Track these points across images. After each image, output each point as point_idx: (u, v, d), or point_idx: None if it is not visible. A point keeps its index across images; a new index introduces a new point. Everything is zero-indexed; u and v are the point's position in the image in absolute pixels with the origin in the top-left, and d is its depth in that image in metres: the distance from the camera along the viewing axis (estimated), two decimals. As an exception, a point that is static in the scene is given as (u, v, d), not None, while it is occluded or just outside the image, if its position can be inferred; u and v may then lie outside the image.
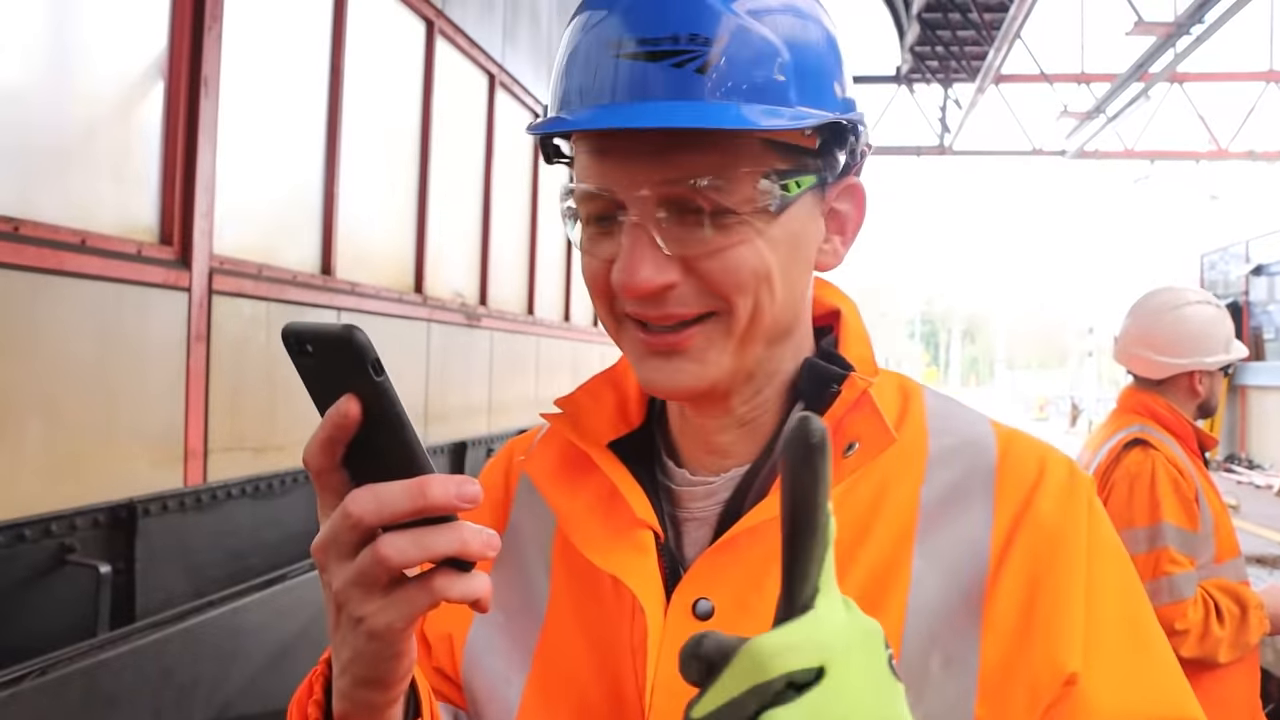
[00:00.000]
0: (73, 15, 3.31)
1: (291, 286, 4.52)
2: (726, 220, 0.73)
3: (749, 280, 0.74)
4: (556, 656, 0.82)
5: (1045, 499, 0.77)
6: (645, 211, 0.73)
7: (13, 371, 2.98)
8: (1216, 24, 10.75)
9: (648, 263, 0.72)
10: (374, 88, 5.41)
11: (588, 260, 0.79)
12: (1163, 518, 2.39)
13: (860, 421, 0.78)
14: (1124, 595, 0.77)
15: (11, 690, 2.17)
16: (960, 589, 0.74)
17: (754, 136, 0.73)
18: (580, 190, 0.76)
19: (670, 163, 0.72)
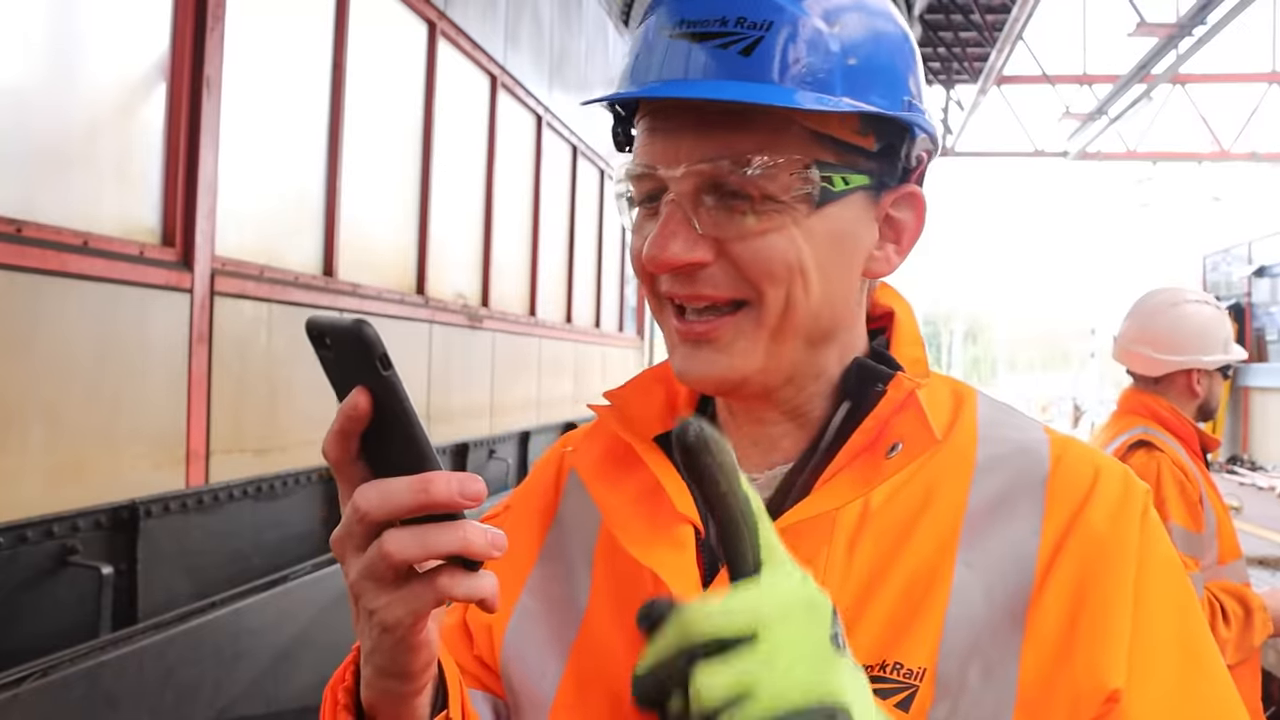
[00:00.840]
0: (74, 16, 3.32)
1: (293, 288, 4.53)
2: (764, 206, 0.73)
3: (780, 270, 0.74)
4: (594, 651, 0.82)
5: (1097, 510, 0.74)
6: (683, 189, 0.74)
7: (15, 373, 2.98)
8: (1219, 25, 10.74)
9: (678, 238, 0.73)
10: (376, 89, 5.41)
11: (635, 240, 0.79)
12: (1168, 519, 2.39)
13: (905, 423, 0.77)
14: (1176, 612, 0.73)
15: (13, 691, 2.18)
16: (1004, 599, 0.71)
17: (801, 125, 0.73)
18: (629, 169, 0.78)
19: (710, 140, 0.73)
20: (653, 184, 0.76)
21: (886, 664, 0.70)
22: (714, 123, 0.72)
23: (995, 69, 13.77)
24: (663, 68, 0.74)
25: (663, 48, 0.74)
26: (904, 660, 0.70)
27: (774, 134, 0.72)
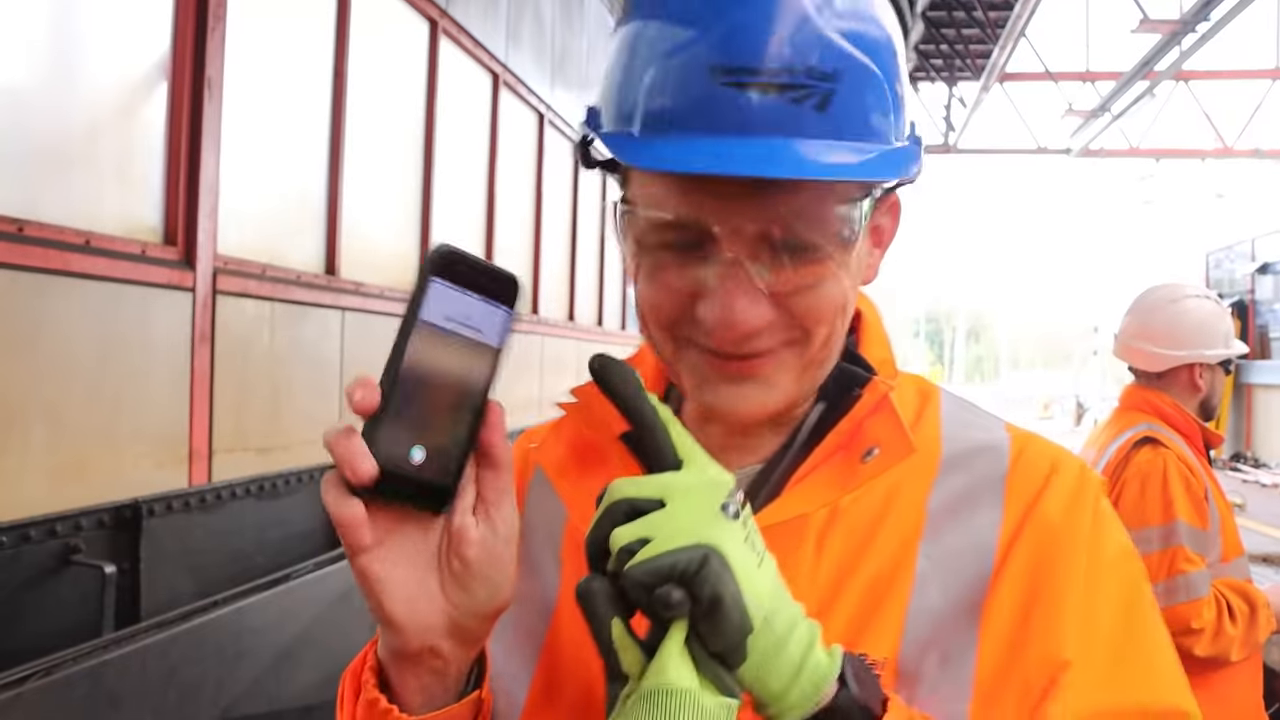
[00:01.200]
0: (76, 17, 3.32)
1: (296, 286, 4.53)
2: (817, 255, 0.72)
3: (830, 312, 0.75)
4: (564, 649, 0.81)
5: (1051, 500, 0.77)
6: (741, 248, 0.70)
7: (17, 372, 2.98)
8: (1222, 21, 10.72)
9: (747, 302, 0.70)
10: (378, 87, 5.41)
11: (655, 290, 0.75)
12: (1176, 516, 2.39)
13: (880, 426, 0.78)
14: (1123, 596, 0.77)
15: (16, 690, 2.18)
16: (963, 591, 0.75)
17: None
18: (657, 218, 0.72)
19: (769, 200, 0.69)
20: (690, 235, 0.71)
21: None
22: (773, 182, 0.68)
23: (998, 66, 13.76)
24: (716, 118, 0.67)
25: (710, 95, 0.67)
26: (868, 651, 0.71)
27: (827, 186, 0.71)
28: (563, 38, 8.79)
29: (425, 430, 0.63)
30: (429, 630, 0.66)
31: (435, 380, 0.63)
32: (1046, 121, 20.34)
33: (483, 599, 0.66)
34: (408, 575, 0.65)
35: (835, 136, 0.68)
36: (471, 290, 0.64)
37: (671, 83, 0.69)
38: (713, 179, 0.68)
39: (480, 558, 0.65)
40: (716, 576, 0.59)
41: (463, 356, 0.64)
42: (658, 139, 0.69)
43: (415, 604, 0.65)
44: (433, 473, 0.63)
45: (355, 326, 5.06)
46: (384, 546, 0.64)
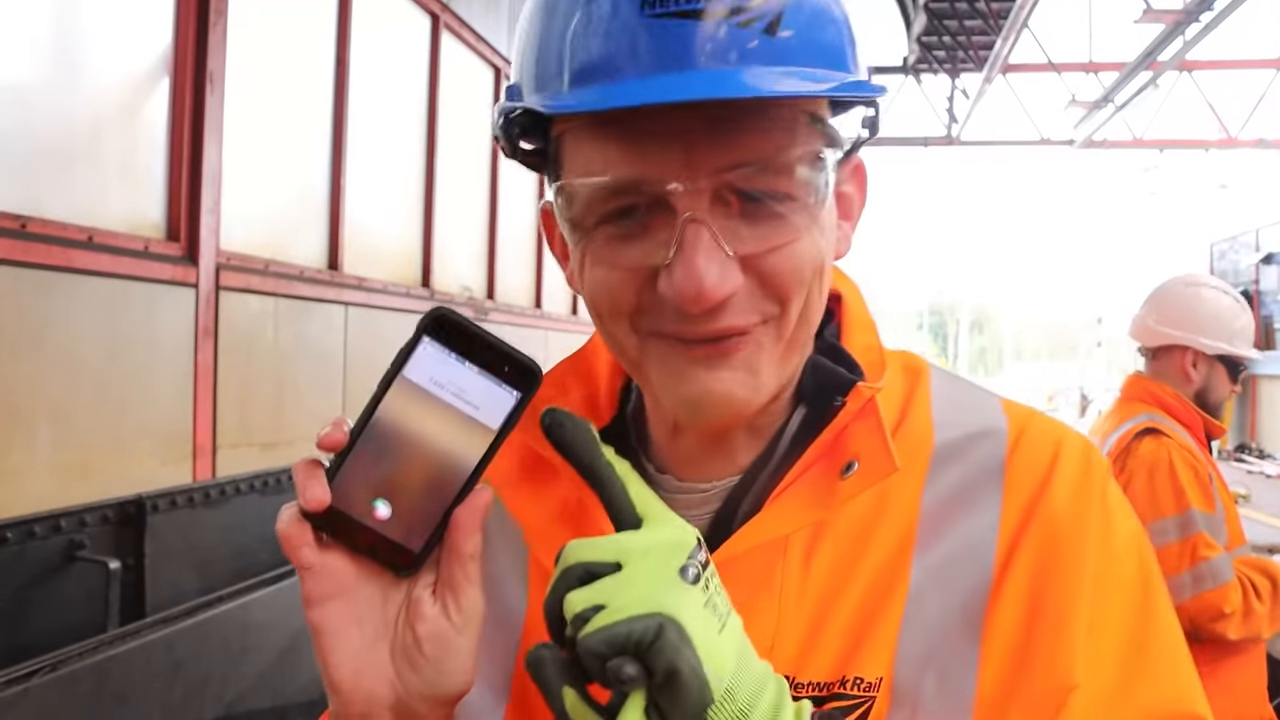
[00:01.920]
0: (77, 13, 3.32)
1: (299, 282, 4.53)
2: (784, 209, 0.64)
3: (806, 277, 0.66)
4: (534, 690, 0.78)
5: (1057, 491, 0.70)
6: (701, 205, 0.62)
7: (22, 368, 2.99)
8: (1225, 11, 10.68)
9: (715, 265, 0.62)
10: (380, 82, 5.41)
11: (605, 275, 0.66)
12: (1190, 504, 2.38)
13: (863, 436, 0.71)
14: (1135, 590, 0.71)
15: (23, 686, 2.18)
16: (960, 603, 0.68)
17: (804, 110, 0.64)
18: (595, 185, 0.63)
19: (730, 145, 0.61)
20: (632, 199, 0.64)
21: (846, 679, 0.67)
22: (729, 119, 0.61)
23: (1000, 57, 13.71)
24: (653, 56, 0.59)
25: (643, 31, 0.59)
26: (863, 674, 0.67)
27: (790, 128, 0.63)
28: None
29: (393, 488, 0.61)
30: (371, 700, 0.62)
31: (410, 441, 0.60)
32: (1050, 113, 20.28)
33: (430, 681, 0.62)
34: (358, 637, 0.61)
35: (788, 63, 0.61)
36: (471, 362, 0.60)
37: (597, 27, 0.61)
38: (659, 131, 0.61)
39: (432, 636, 0.61)
40: (673, 648, 0.55)
41: (447, 426, 0.60)
42: (589, 89, 0.61)
43: (361, 669, 0.61)
44: (396, 533, 0.61)
45: (358, 322, 5.07)
46: (339, 601, 0.61)
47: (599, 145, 0.63)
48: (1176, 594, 2.36)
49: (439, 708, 0.63)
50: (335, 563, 0.61)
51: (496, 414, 0.61)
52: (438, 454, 0.60)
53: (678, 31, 0.59)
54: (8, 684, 2.16)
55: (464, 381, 0.60)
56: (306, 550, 0.60)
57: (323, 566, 0.61)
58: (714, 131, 0.61)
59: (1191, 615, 2.33)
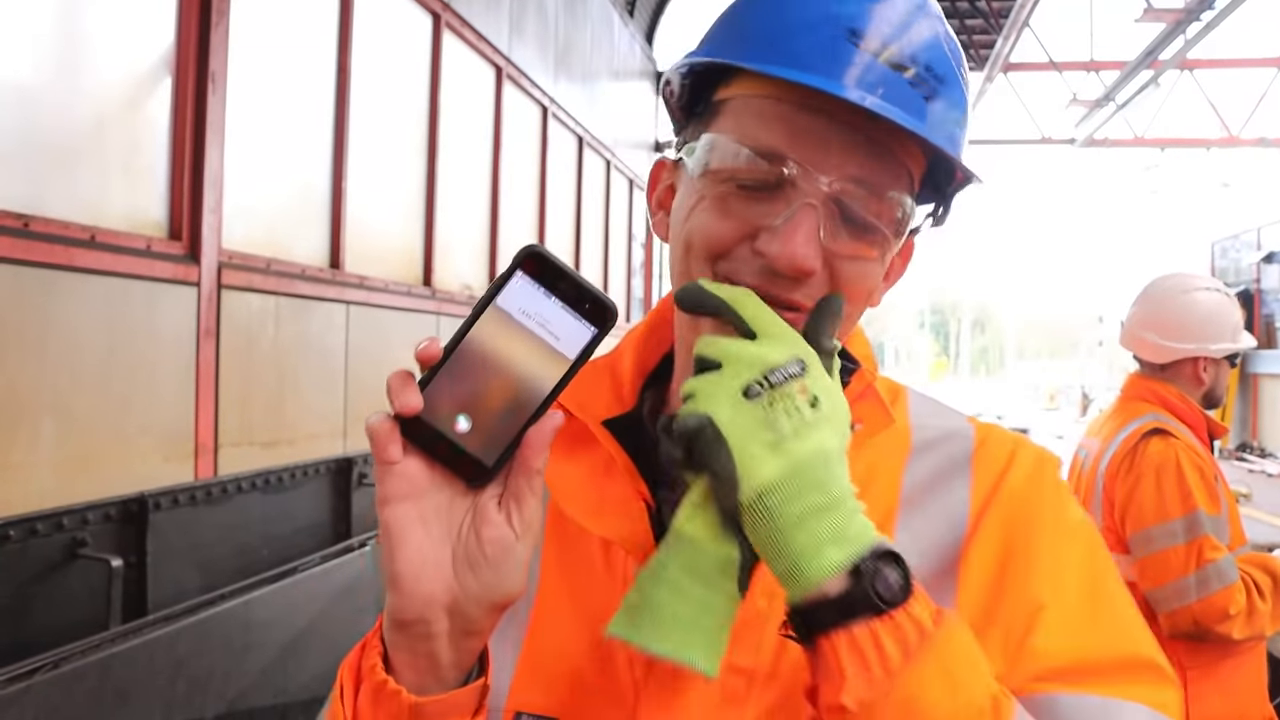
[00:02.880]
0: (80, 13, 3.32)
1: (300, 280, 4.54)
2: (871, 234, 0.77)
3: (862, 296, 0.80)
4: (548, 630, 0.83)
5: (1015, 476, 0.84)
6: (821, 196, 0.75)
7: (25, 367, 2.99)
8: (1227, 10, 10.67)
9: (812, 243, 0.74)
10: (381, 81, 5.41)
11: (716, 219, 0.78)
12: (1196, 506, 2.37)
13: (864, 407, 0.84)
14: (1088, 557, 0.82)
15: (25, 683, 2.19)
16: (939, 556, 0.81)
17: (907, 168, 0.78)
18: (748, 152, 0.76)
19: (857, 159, 0.75)
20: (771, 172, 0.76)
21: None
22: (863, 144, 0.75)
23: (1002, 56, 13.70)
24: (852, 76, 0.74)
25: (851, 54, 0.74)
26: None
27: (898, 172, 0.77)
28: (566, 30, 8.78)
29: (475, 405, 0.66)
30: (429, 601, 0.66)
31: (496, 363, 0.66)
32: (1051, 111, 20.27)
33: (488, 583, 0.67)
34: (424, 538, 0.66)
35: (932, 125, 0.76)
36: (557, 297, 0.66)
37: (812, 34, 0.75)
38: (819, 128, 0.75)
39: (495, 540, 0.66)
40: (707, 446, 0.66)
41: (530, 353, 0.66)
42: (793, 69, 0.74)
43: (424, 567, 0.66)
44: (473, 445, 0.66)
45: (360, 320, 5.07)
46: (410, 502, 0.66)
47: (764, 117, 0.76)
48: (1182, 596, 2.35)
49: (490, 613, 0.68)
50: (413, 467, 0.65)
51: (574, 345, 0.67)
52: (519, 377, 0.66)
53: (876, 71, 0.74)
54: (10, 681, 2.17)
55: (549, 314, 0.66)
56: (394, 447, 0.65)
57: (402, 468, 0.65)
58: (855, 147, 0.75)
59: (1197, 617, 2.33)
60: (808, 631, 0.66)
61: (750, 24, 0.79)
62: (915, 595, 0.66)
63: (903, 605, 0.65)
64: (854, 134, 0.75)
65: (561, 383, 0.66)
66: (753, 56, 0.76)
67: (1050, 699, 0.74)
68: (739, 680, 0.76)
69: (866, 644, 0.64)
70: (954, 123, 0.79)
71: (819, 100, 0.74)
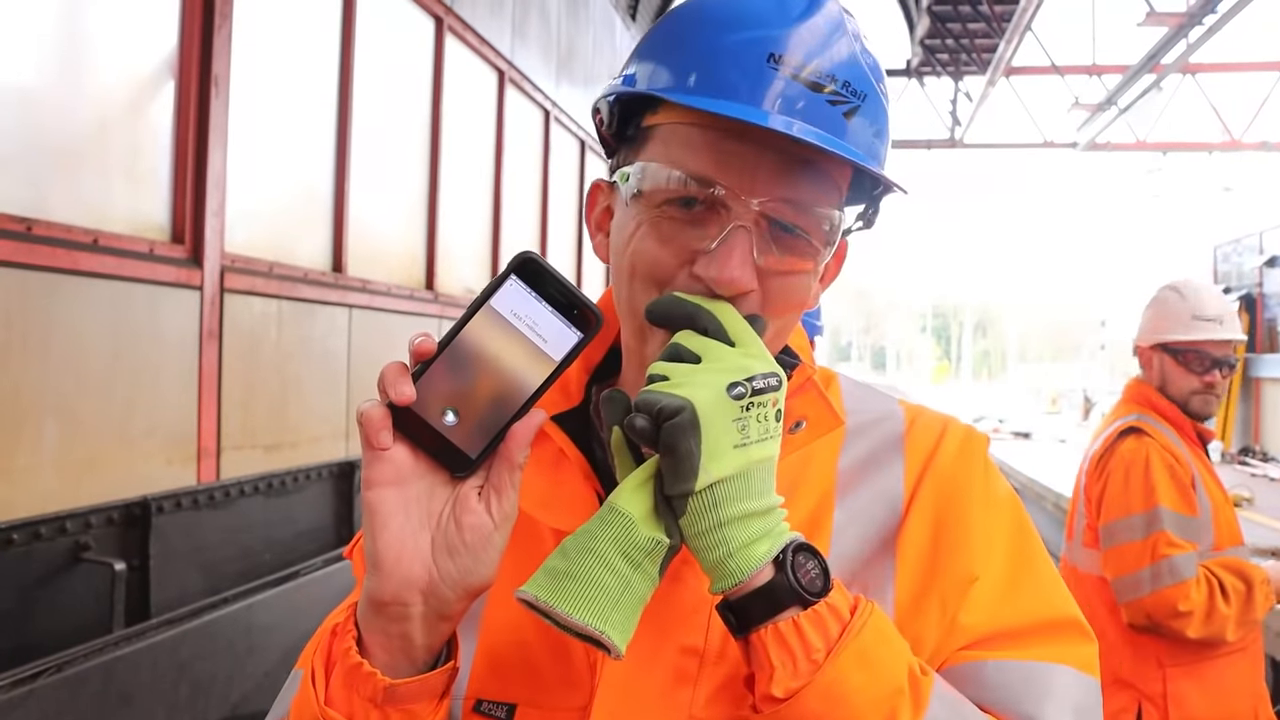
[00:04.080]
0: (83, 17, 3.33)
1: (303, 284, 4.54)
2: (801, 248, 0.80)
3: (795, 308, 0.83)
4: (503, 619, 0.85)
5: (945, 453, 0.89)
6: (749, 217, 0.78)
7: (28, 370, 3.00)
8: (1229, 14, 10.67)
9: (747, 264, 0.77)
10: (384, 85, 5.42)
11: (650, 245, 0.81)
12: (1158, 503, 2.42)
13: (806, 404, 0.89)
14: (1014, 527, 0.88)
15: (29, 686, 2.19)
16: (876, 534, 0.85)
17: (835, 182, 0.82)
18: (678, 177, 0.78)
19: (790, 181, 0.78)
20: (701, 195, 0.78)
21: None
22: (788, 164, 0.78)
23: (1004, 60, 13.70)
24: (773, 99, 0.76)
25: (770, 76, 0.77)
26: None
27: (826, 188, 0.80)
28: (569, 34, 8.79)
29: (464, 400, 0.69)
30: (407, 582, 0.69)
31: (485, 361, 0.69)
32: (1053, 115, 20.27)
33: (465, 569, 0.70)
34: (405, 523, 0.69)
35: (852, 142, 0.79)
36: (546, 302, 0.70)
37: (734, 59, 0.78)
38: (745, 152, 0.77)
39: (474, 527, 0.70)
40: (681, 429, 0.68)
41: (518, 353, 0.69)
42: (716, 99, 0.77)
43: (404, 550, 0.69)
44: (459, 438, 0.69)
45: (362, 323, 5.08)
46: (394, 488, 0.69)
47: (691, 145, 0.79)
48: (1135, 589, 2.39)
49: (462, 598, 0.71)
50: (400, 454, 0.69)
51: (561, 348, 0.70)
52: (506, 375, 0.69)
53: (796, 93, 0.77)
54: (14, 684, 2.17)
55: (538, 317, 0.70)
56: (385, 434, 0.68)
57: (390, 454, 0.69)
58: (780, 169, 0.78)
59: (1148, 610, 2.36)
60: (739, 626, 0.71)
61: (674, 52, 0.82)
62: (834, 586, 0.71)
63: (823, 597, 0.70)
64: (779, 155, 0.78)
65: (546, 382, 0.70)
66: (677, 87, 0.80)
67: (977, 666, 0.80)
68: (690, 661, 0.79)
69: (791, 637, 0.69)
70: (873, 134, 0.81)
71: (744, 125, 0.76)
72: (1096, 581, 2.56)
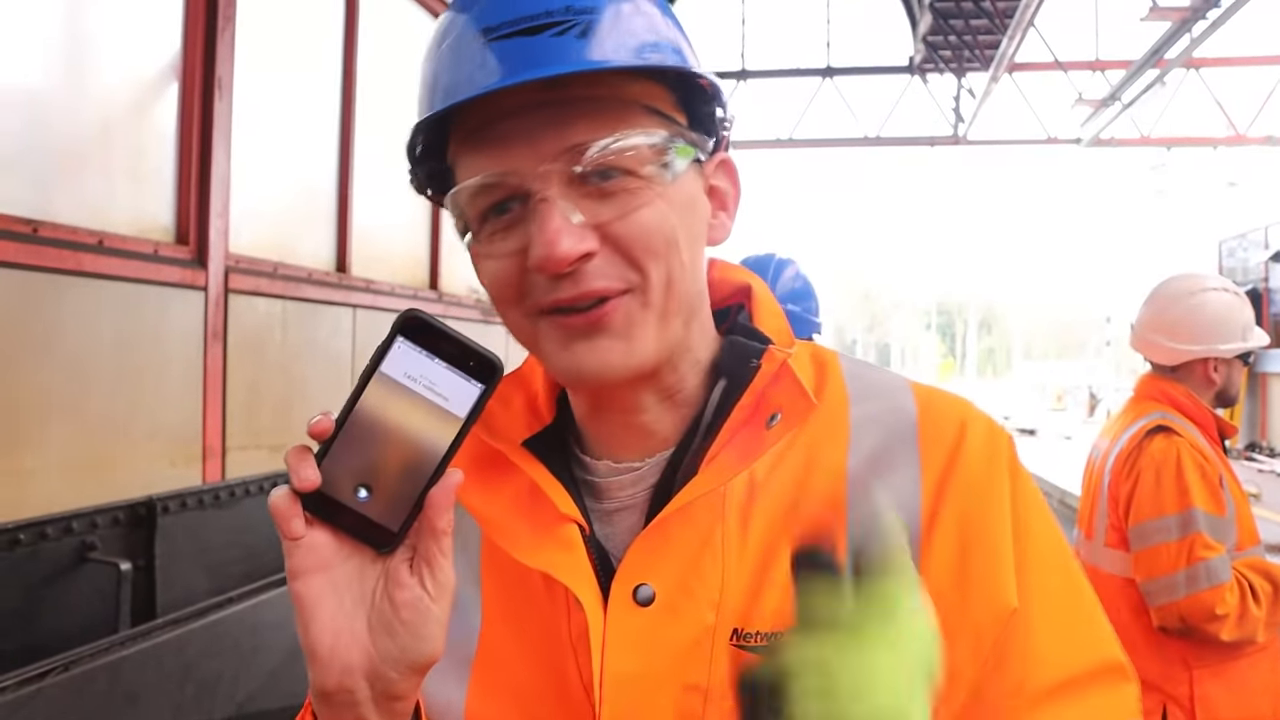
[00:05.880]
0: (87, 19, 3.34)
1: (307, 284, 4.55)
2: (629, 184, 0.74)
3: (660, 245, 0.74)
4: (495, 665, 0.82)
5: (968, 460, 0.78)
6: (551, 186, 0.72)
7: (34, 372, 3.00)
8: (1233, 8, 10.65)
9: (565, 233, 0.71)
10: (387, 85, 5.42)
11: (492, 266, 0.77)
12: (1193, 504, 2.37)
13: (781, 393, 0.80)
14: (1053, 543, 0.79)
15: (35, 686, 2.19)
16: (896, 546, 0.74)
17: (640, 104, 0.75)
18: (472, 186, 0.75)
19: (569, 131, 0.72)
20: (502, 194, 0.75)
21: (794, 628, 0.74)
22: (566, 115, 0.72)
23: (1006, 56, 13.68)
24: (498, 69, 0.71)
25: (486, 51, 0.72)
26: None
27: (623, 114, 0.73)
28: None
29: (373, 474, 0.65)
30: (348, 669, 0.65)
31: (388, 431, 0.65)
32: (1056, 111, 20.23)
33: (405, 646, 0.65)
34: (337, 609, 0.65)
35: (606, 58, 0.72)
36: (441, 358, 0.66)
37: (453, 59, 0.74)
38: (512, 133, 0.72)
39: (410, 603, 0.65)
40: None
41: (420, 416, 0.66)
42: (453, 96, 0.74)
43: (339, 637, 0.65)
44: (376, 513, 0.66)
45: (366, 324, 5.08)
46: (320, 574, 0.65)
47: (473, 157, 0.75)
48: (1170, 592, 2.35)
49: (410, 675, 0.66)
50: (319, 539, 0.65)
51: (463, 404, 0.66)
52: (413, 441, 0.65)
53: (514, 46, 0.71)
54: (21, 684, 2.17)
55: (434, 375, 0.66)
56: (296, 522, 0.64)
57: (309, 542, 0.65)
58: (553, 123, 0.72)
59: (1184, 614, 2.33)
60: None
61: (422, 82, 0.80)
62: None
63: None
64: (548, 109, 0.72)
65: (456, 442, 0.66)
66: (424, 109, 0.78)
67: None
68: (695, 698, 0.74)
69: None
70: (640, 30, 0.75)
71: (503, 105, 0.72)
72: (1120, 583, 2.52)
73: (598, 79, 0.72)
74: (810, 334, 2.62)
